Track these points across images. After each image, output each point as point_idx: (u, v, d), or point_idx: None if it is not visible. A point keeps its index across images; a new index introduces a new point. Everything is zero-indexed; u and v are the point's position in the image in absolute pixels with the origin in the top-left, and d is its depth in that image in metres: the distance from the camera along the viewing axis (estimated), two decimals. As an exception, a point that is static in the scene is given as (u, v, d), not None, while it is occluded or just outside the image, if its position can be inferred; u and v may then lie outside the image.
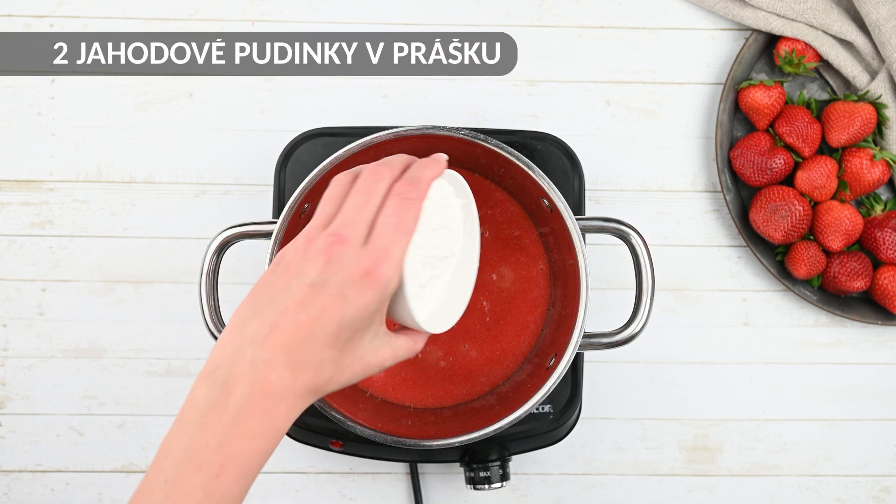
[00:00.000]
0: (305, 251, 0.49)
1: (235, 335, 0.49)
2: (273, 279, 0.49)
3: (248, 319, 0.49)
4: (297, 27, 0.81)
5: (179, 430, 0.48)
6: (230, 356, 0.48)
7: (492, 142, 0.66)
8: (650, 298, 0.65)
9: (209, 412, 0.47)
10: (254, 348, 0.48)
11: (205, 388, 0.48)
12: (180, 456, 0.47)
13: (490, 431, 0.65)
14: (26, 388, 0.79)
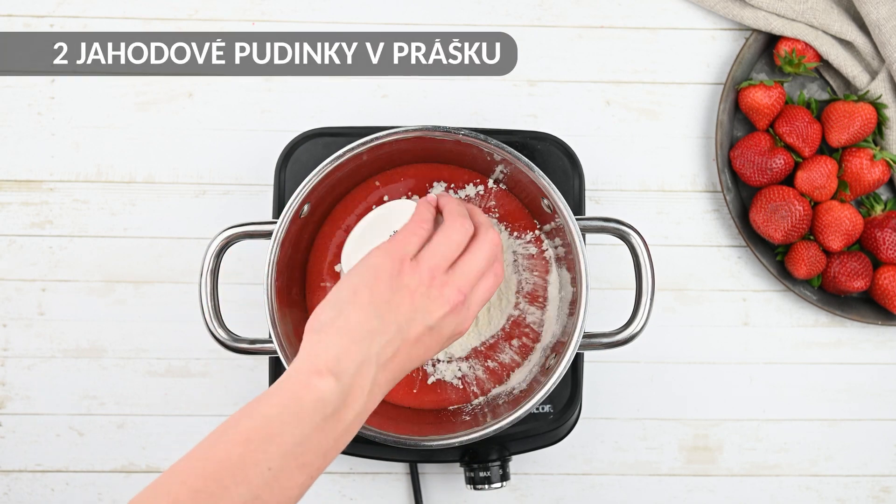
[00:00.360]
0: (429, 289, 0.55)
1: (363, 345, 0.52)
2: (396, 299, 0.54)
3: (375, 335, 0.52)
4: (297, 27, 0.81)
5: (293, 419, 0.49)
6: (356, 365, 0.51)
7: (492, 142, 0.66)
8: (650, 298, 0.65)
9: (331, 418, 0.49)
10: (377, 368, 0.52)
11: (331, 392, 0.50)
12: (289, 449, 0.48)
13: (490, 431, 0.65)
14: (26, 388, 0.79)
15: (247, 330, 0.69)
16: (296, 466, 0.48)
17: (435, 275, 0.55)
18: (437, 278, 0.55)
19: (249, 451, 0.47)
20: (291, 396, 0.49)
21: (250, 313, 0.77)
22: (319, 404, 0.49)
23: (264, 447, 0.48)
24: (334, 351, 0.51)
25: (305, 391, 0.49)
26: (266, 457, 0.47)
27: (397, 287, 0.54)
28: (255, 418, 0.49)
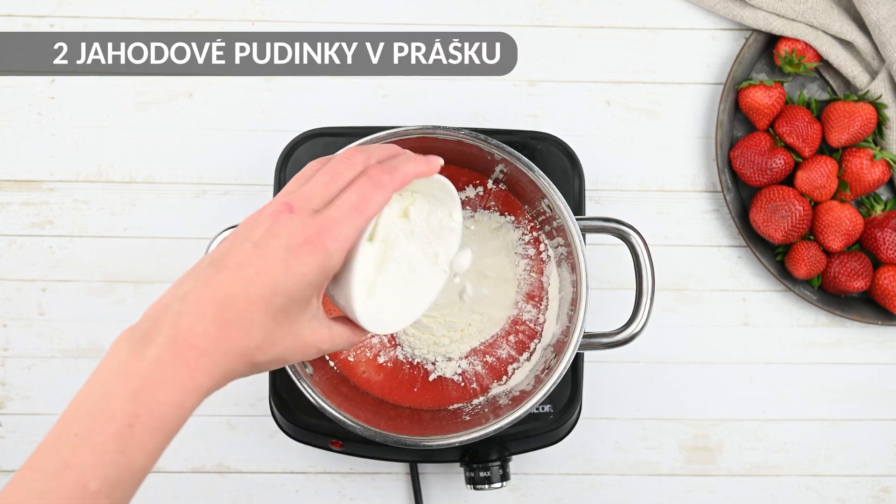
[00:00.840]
0: (256, 217, 0.48)
1: (169, 292, 0.47)
2: (220, 246, 0.48)
3: (186, 278, 0.47)
4: (297, 27, 0.81)
5: (94, 380, 0.46)
6: (159, 310, 0.46)
7: (492, 142, 0.66)
8: (650, 298, 0.65)
9: (128, 361, 0.45)
10: (183, 302, 0.46)
11: (126, 338, 0.46)
12: (92, 405, 0.45)
13: (490, 431, 0.65)
14: (26, 388, 0.79)
15: (247, 330, 0.69)
16: (102, 419, 0.44)
17: (266, 205, 0.49)
18: (266, 206, 0.49)
19: (61, 425, 0.45)
20: (99, 364, 0.46)
21: (250, 313, 0.77)
22: (114, 354, 0.46)
23: (72, 416, 0.46)
24: (146, 310, 0.47)
25: (108, 352, 0.46)
26: (72, 423, 0.45)
27: (229, 238, 0.49)
28: (72, 398, 0.47)
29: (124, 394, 0.44)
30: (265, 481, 0.79)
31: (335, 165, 0.50)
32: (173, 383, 0.45)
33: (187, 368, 0.45)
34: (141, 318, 0.47)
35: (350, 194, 0.49)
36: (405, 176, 0.51)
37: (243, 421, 0.79)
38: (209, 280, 0.46)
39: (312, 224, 0.47)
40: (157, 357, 0.45)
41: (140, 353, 0.45)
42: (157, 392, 0.44)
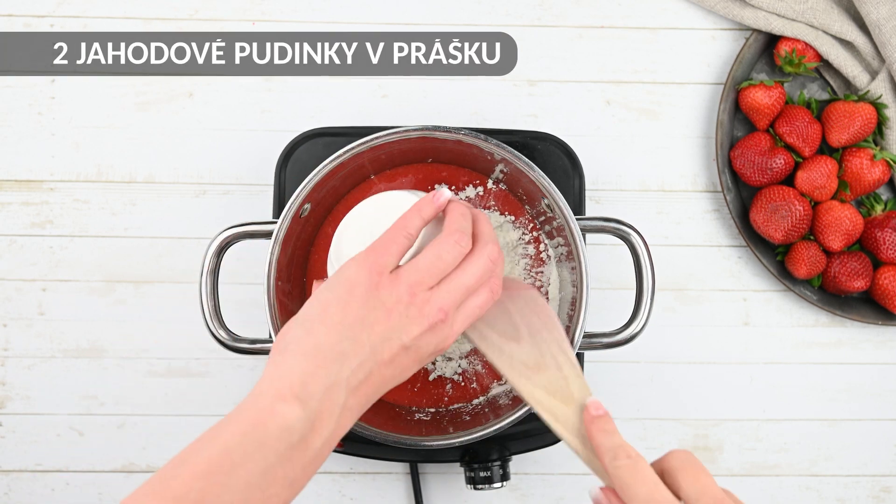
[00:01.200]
0: (408, 307, 0.51)
1: (332, 369, 0.48)
2: (371, 316, 0.50)
3: (347, 357, 0.49)
4: (297, 27, 0.81)
5: (258, 450, 0.45)
6: (323, 390, 0.48)
7: (492, 142, 0.66)
8: (650, 298, 0.65)
9: (296, 446, 0.46)
10: (347, 392, 0.49)
11: (299, 413, 0.46)
12: (253, 481, 0.45)
13: (490, 431, 0.65)
14: (26, 388, 0.79)
15: (247, 330, 0.69)
16: (260, 499, 0.45)
17: (416, 292, 0.51)
18: (417, 295, 0.51)
19: (209, 484, 0.44)
20: (254, 423, 0.46)
21: (250, 313, 0.77)
22: (284, 433, 0.46)
23: (225, 480, 0.44)
24: (299, 374, 0.47)
25: (269, 418, 0.46)
26: (227, 490, 0.44)
27: (373, 304, 0.50)
28: (215, 447, 0.45)
29: (285, 482, 0.46)
30: (265, 481, 0.78)
31: (480, 268, 0.54)
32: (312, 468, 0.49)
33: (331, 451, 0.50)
34: (299, 386, 0.47)
35: (477, 309, 0.54)
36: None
37: (243, 421, 0.79)
38: (369, 374, 0.50)
39: (451, 334, 0.53)
40: (318, 451, 0.48)
41: (306, 443, 0.47)
42: (305, 482, 0.48)
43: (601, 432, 0.48)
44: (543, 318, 0.58)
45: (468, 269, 0.53)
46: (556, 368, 0.54)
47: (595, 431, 0.48)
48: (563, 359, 0.55)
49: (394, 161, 0.72)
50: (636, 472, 0.46)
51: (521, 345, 0.56)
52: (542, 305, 0.59)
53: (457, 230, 0.53)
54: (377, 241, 0.52)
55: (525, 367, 0.55)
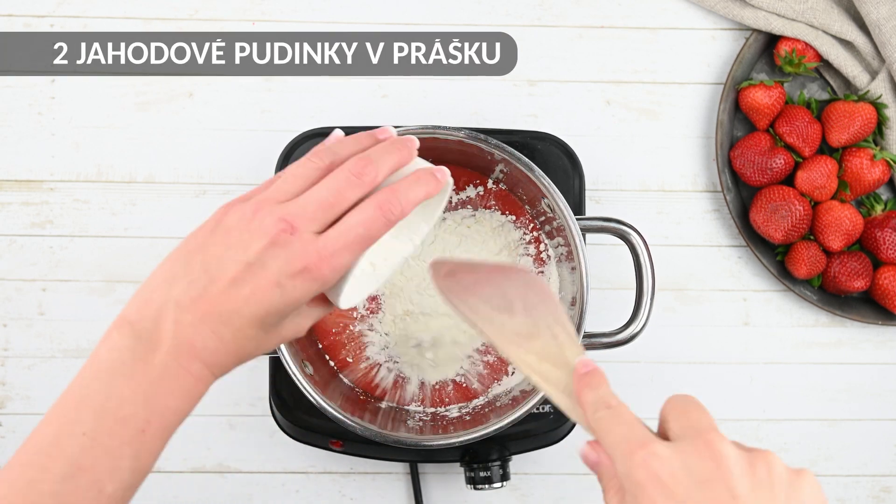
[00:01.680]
0: (250, 222, 0.47)
1: (160, 291, 0.47)
2: (209, 240, 0.48)
3: (177, 279, 0.47)
4: (297, 27, 0.81)
5: (95, 377, 0.46)
6: (154, 311, 0.47)
7: (492, 142, 0.66)
8: (650, 298, 0.66)
9: (133, 363, 0.45)
10: (180, 310, 0.47)
11: (127, 337, 0.46)
12: (100, 406, 0.45)
13: (490, 431, 0.65)
14: (26, 388, 0.79)
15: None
16: (113, 422, 0.44)
17: (261, 207, 0.47)
18: (262, 210, 0.47)
19: (63, 423, 0.45)
20: (93, 357, 0.46)
21: (250, 313, 0.77)
22: (115, 353, 0.46)
23: (75, 415, 0.45)
24: (135, 304, 0.47)
25: (102, 347, 0.46)
26: (78, 423, 0.44)
27: (215, 230, 0.48)
28: (66, 391, 0.46)
29: (135, 399, 0.45)
30: (265, 481, 0.79)
31: (339, 181, 0.48)
32: (180, 392, 0.46)
33: (192, 378, 0.47)
34: (132, 312, 0.47)
35: (356, 226, 0.48)
36: (415, 202, 0.50)
37: (243, 421, 0.79)
38: (203, 291, 0.47)
39: (313, 251, 0.47)
40: (163, 365, 0.46)
41: (146, 358, 0.46)
42: (166, 399, 0.46)
43: (587, 387, 0.46)
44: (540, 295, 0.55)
45: (324, 181, 0.48)
46: (550, 337, 0.52)
47: (582, 387, 0.46)
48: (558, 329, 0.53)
49: (394, 161, 0.72)
50: (613, 418, 0.44)
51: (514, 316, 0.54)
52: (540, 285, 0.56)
53: (317, 150, 0.51)
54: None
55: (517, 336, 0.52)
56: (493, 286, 0.56)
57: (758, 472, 0.40)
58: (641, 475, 0.39)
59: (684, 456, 0.39)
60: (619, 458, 0.40)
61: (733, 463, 0.39)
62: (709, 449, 0.40)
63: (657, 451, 0.39)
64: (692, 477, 0.38)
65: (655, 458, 0.39)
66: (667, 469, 0.38)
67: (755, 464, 0.40)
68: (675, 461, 0.39)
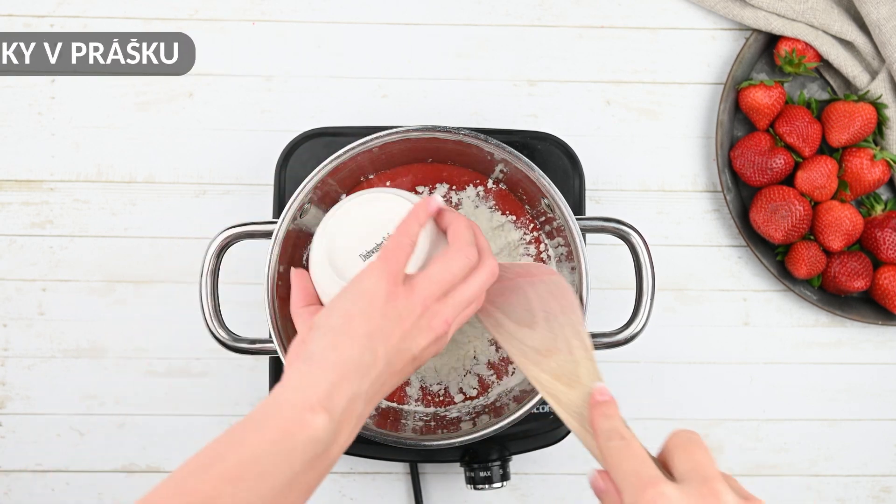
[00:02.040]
0: (420, 318, 0.53)
1: (355, 381, 0.50)
2: (388, 328, 0.52)
3: (368, 370, 0.51)
4: (297, 27, 0.81)
5: (286, 459, 0.46)
6: (347, 401, 0.49)
7: (492, 142, 0.66)
8: (650, 298, 0.65)
9: (321, 455, 0.48)
10: (365, 403, 0.51)
11: (327, 424, 0.48)
12: (279, 488, 0.46)
13: (490, 431, 0.65)
14: (26, 388, 0.79)
15: (247, 330, 0.69)
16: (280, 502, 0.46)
17: (427, 304, 0.53)
18: (429, 308, 0.53)
19: (238, 490, 0.45)
20: (283, 433, 0.47)
21: (250, 313, 0.77)
22: (311, 443, 0.47)
23: (253, 485, 0.45)
24: (326, 386, 0.48)
25: (298, 428, 0.47)
26: (255, 496, 0.45)
27: (390, 315, 0.52)
28: (244, 453, 0.46)
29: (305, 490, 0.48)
30: (265, 481, 0.78)
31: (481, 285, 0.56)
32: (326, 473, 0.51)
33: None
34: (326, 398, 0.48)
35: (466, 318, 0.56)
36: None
37: (243, 421, 0.79)
38: (382, 386, 0.52)
39: (446, 342, 0.55)
40: (332, 459, 0.50)
41: (328, 452, 0.49)
42: (321, 481, 0.50)
43: (601, 416, 0.50)
44: (563, 301, 0.59)
45: (473, 283, 0.55)
46: (567, 352, 0.55)
47: (596, 416, 0.50)
48: (576, 342, 0.56)
49: (394, 161, 0.72)
50: (625, 450, 0.47)
51: (534, 330, 0.57)
52: (564, 289, 0.60)
53: (466, 243, 0.55)
54: (386, 248, 0.54)
55: (536, 353, 0.56)
56: (518, 294, 0.60)
57: None
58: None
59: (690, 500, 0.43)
60: (628, 490, 0.44)
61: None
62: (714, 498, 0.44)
63: (666, 491, 0.43)
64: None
65: (664, 499, 0.42)
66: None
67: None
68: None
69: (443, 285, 0.54)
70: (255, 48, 0.81)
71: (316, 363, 0.49)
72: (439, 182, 0.73)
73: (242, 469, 0.45)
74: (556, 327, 0.57)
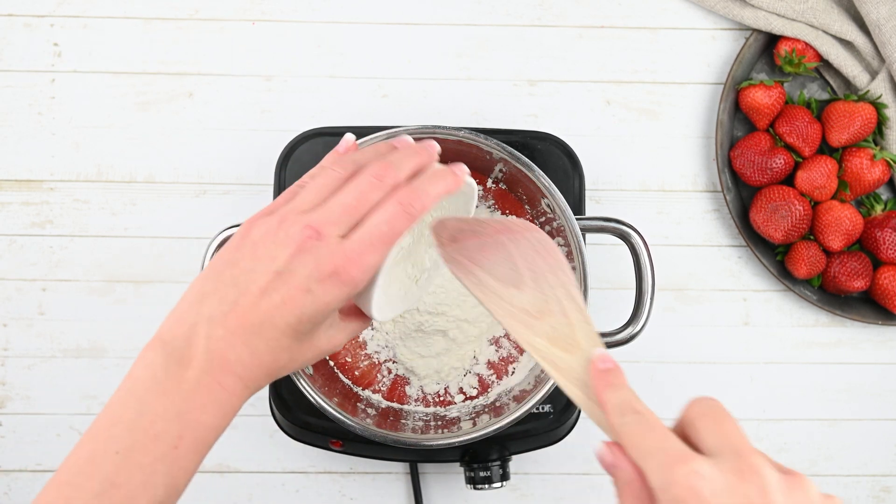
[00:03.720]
0: (276, 233, 0.48)
1: (192, 310, 0.48)
2: (237, 255, 0.48)
3: (207, 296, 0.48)
4: (297, 27, 0.81)
5: (128, 396, 0.46)
6: (186, 329, 0.47)
7: (492, 142, 0.66)
8: (650, 298, 0.65)
9: (166, 380, 0.46)
10: (211, 325, 0.47)
11: (160, 356, 0.47)
12: (132, 423, 0.45)
13: (490, 431, 0.65)
14: (26, 388, 0.79)
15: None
16: (146, 438, 0.45)
17: (286, 218, 0.48)
18: (287, 220, 0.48)
19: (97, 442, 0.45)
20: (127, 377, 0.47)
21: (250, 313, 0.77)
22: (148, 370, 0.46)
23: (108, 433, 0.45)
24: (167, 323, 0.48)
25: (136, 366, 0.47)
26: (112, 441, 0.45)
27: (241, 245, 0.48)
28: (102, 411, 0.46)
29: (167, 415, 0.45)
30: (265, 481, 0.79)
31: (362, 185, 0.49)
32: (213, 406, 0.47)
33: (225, 393, 0.47)
34: (165, 332, 0.48)
35: (380, 224, 0.48)
36: (435, 198, 0.50)
37: (243, 421, 0.79)
38: (234, 304, 0.47)
39: (340, 253, 0.47)
40: (196, 380, 0.46)
41: (178, 375, 0.46)
42: (199, 415, 0.46)
43: (608, 387, 0.45)
44: (549, 260, 0.53)
45: (346, 188, 0.49)
46: (560, 314, 0.50)
47: (602, 387, 0.45)
48: (569, 304, 0.50)
49: (394, 161, 0.72)
50: (644, 424, 0.42)
51: (522, 290, 0.51)
52: (550, 246, 0.54)
53: (337, 159, 0.51)
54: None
55: (526, 315, 0.50)
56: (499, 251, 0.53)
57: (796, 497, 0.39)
58: (683, 492, 0.38)
59: (728, 477, 0.38)
60: (653, 469, 0.39)
61: (776, 489, 0.39)
62: (753, 473, 0.39)
63: (699, 469, 0.38)
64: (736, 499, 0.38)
65: (698, 477, 0.38)
66: (710, 488, 0.38)
67: (794, 489, 0.40)
68: (719, 481, 0.38)
69: (306, 200, 0.49)
70: (255, 48, 0.81)
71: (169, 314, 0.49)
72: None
73: (99, 425, 0.46)
74: (546, 288, 0.51)
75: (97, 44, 0.81)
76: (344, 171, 0.50)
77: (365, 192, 0.49)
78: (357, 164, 0.51)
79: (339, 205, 0.48)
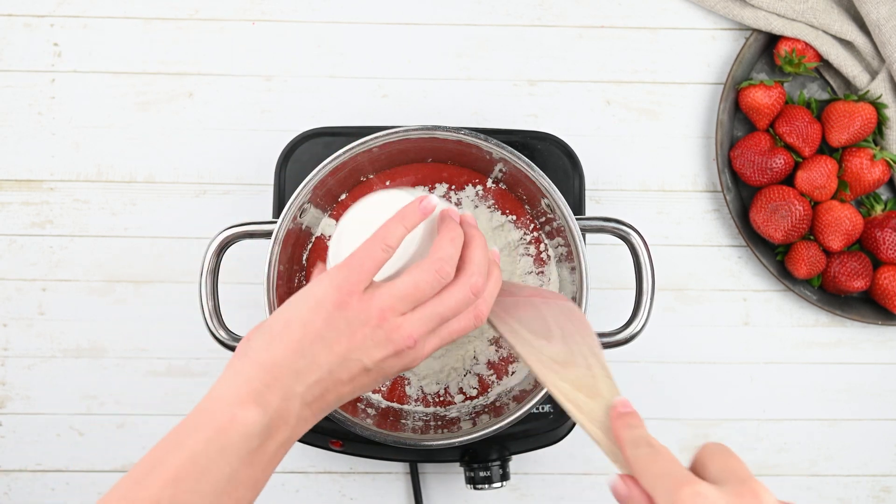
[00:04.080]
0: (375, 331, 0.50)
1: (287, 383, 0.49)
2: (330, 333, 0.50)
3: (301, 374, 0.50)
4: (297, 27, 0.81)
5: (222, 456, 0.47)
6: (280, 400, 0.49)
7: (492, 142, 0.66)
8: (650, 298, 0.65)
9: (258, 450, 0.48)
10: (303, 406, 0.50)
11: (258, 418, 0.48)
12: (221, 487, 0.46)
13: (490, 431, 0.65)
14: (26, 388, 0.79)
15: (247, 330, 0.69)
16: (228, 502, 0.47)
17: (386, 316, 0.50)
18: (387, 320, 0.50)
19: (179, 492, 0.45)
20: (217, 429, 0.47)
21: (250, 313, 0.77)
22: (245, 438, 0.47)
23: (194, 486, 0.46)
24: (257, 383, 0.49)
25: (231, 424, 0.47)
26: (198, 496, 0.46)
27: (337, 324, 0.50)
28: (181, 454, 0.46)
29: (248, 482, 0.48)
30: (265, 481, 0.78)
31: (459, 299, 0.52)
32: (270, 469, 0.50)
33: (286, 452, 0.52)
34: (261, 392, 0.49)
35: (456, 331, 0.53)
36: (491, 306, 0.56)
37: (243, 421, 0.79)
38: (325, 391, 0.51)
39: (417, 357, 0.52)
40: (274, 453, 0.49)
41: (265, 446, 0.48)
42: (264, 483, 0.50)
43: (626, 427, 0.48)
44: (578, 325, 0.58)
45: (445, 299, 0.52)
46: (585, 367, 0.54)
47: (620, 426, 0.48)
48: (593, 360, 0.55)
49: (394, 161, 0.72)
50: (656, 454, 0.45)
51: (551, 343, 0.56)
52: (578, 315, 0.59)
53: (440, 258, 0.52)
54: (352, 254, 0.51)
55: (553, 362, 0.54)
56: (532, 310, 0.59)
57: None
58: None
59: (729, 499, 0.41)
60: (661, 491, 0.42)
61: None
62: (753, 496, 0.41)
63: (702, 490, 0.41)
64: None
65: (702, 497, 0.40)
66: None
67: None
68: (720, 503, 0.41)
69: (406, 299, 0.51)
70: (255, 48, 0.81)
71: (249, 360, 0.49)
72: (439, 182, 0.73)
73: (181, 470, 0.46)
74: (573, 344, 0.56)
75: (97, 44, 0.81)
76: (447, 279, 0.52)
77: (461, 305, 0.53)
78: (453, 262, 0.53)
79: (437, 316, 0.52)
